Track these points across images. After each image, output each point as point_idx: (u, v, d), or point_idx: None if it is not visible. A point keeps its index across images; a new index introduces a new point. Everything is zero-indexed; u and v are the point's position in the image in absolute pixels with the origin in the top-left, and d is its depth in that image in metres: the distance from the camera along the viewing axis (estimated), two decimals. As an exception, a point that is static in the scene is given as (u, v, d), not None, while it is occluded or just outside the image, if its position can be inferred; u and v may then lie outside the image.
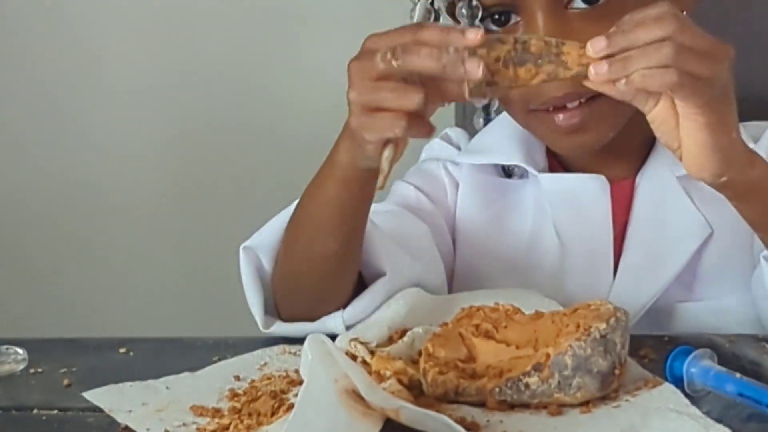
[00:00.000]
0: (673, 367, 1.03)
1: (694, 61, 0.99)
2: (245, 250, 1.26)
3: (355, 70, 1.06)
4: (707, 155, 1.04)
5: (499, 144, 1.37)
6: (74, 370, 1.17)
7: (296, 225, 1.23)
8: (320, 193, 1.18)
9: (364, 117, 1.05)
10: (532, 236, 1.35)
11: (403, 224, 1.30)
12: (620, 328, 1.02)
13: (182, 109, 2.07)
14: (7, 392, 1.13)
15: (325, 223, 1.19)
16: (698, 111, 1.02)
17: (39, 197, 2.12)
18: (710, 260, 1.29)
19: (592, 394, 1.00)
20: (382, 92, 1.04)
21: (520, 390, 1.01)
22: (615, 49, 0.99)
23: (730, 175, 1.06)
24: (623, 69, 0.99)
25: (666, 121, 1.04)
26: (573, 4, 1.23)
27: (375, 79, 1.04)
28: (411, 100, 1.03)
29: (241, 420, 1.02)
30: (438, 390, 1.03)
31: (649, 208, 1.30)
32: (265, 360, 1.17)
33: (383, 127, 1.05)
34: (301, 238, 1.22)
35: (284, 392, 1.07)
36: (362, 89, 1.05)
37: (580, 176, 1.33)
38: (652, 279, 1.29)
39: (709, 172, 1.05)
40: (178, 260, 2.11)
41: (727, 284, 1.27)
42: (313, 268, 1.21)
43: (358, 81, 1.05)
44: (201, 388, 1.11)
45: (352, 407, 0.97)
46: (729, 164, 1.05)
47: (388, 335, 1.15)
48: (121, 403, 1.08)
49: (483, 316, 1.08)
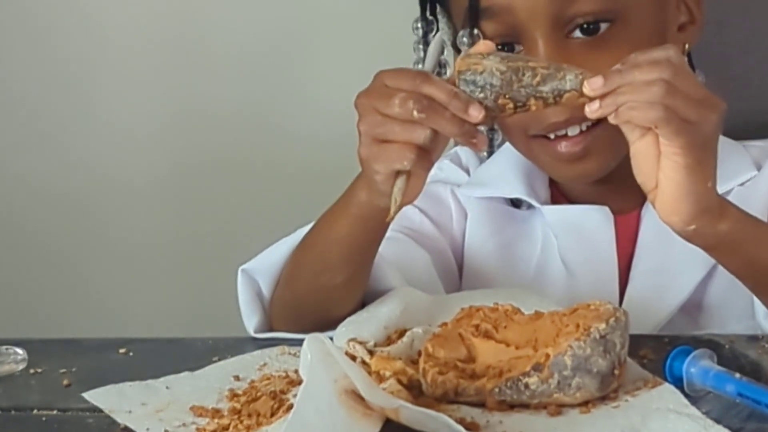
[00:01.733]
0: (672, 367, 1.03)
1: (682, 103, 1.03)
2: (243, 273, 1.27)
3: (366, 103, 1.08)
4: (680, 199, 1.06)
5: (501, 176, 1.38)
6: (74, 371, 1.17)
7: (303, 257, 1.24)
8: (333, 228, 1.19)
9: (374, 147, 1.08)
10: (539, 265, 1.36)
11: (403, 251, 1.29)
12: (620, 328, 1.02)
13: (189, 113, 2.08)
14: (7, 392, 1.14)
15: (335, 257, 1.19)
16: (679, 152, 1.04)
17: (38, 201, 2.12)
18: (714, 291, 1.29)
19: (592, 394, 1.00)
20: (391, 126, 1.06)
21: (520, 390, 1.01)
22: (610, 88, 1.03)
23: (699, 225, 1.08)
24: (613, 103, 1.03)
25: (647, 158, 1.06)
26: (573, 33, 1.24)
27: (385, 116, 1.06)
28: (419, 135, 1.06)
29: (241, 420, 1.02)
30: (437, 390, 1.03)
31: (654, 241, 1.30)
32: (264, 360, 1.16)
33: (392, 158, 1.07)
34: (307, 270, 1.23)
35: (284, 392, 1.07)
36: (372, 122, 1.07)
37: (584, 207, 1.34)
38: (656, 309, 1.29)
39: (680, 216, 1.07)
40: (178, 262, 2.12)
41: (731, 314, 1.27)
42: (318, 298, 1.21)
43: (369, 114, 1.08)
44: (201, 388, 1.11)
45: (351, 407, 0.98)
46: (700, 212, 1.07)
47: (386, 335, 1.15)
48: (121, 403, 1.08)
49: (482, 316, 1.08)
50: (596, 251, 1.32)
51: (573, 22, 1.24)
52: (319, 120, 2.02)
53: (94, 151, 2.09)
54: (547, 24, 1.24)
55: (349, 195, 1.17)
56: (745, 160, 1.34)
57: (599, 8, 1.24)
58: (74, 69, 2.08)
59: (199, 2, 2.04)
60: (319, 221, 1.23)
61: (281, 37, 2.02)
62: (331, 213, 1.20)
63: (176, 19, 2.04)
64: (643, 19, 1.26)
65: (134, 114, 2.08)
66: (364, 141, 1.09)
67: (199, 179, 2.08)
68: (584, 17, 1.24)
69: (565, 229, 1.34)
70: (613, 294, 1.31)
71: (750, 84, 1.56)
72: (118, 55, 2.07)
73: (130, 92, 2.07)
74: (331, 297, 1.21)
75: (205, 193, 2.08)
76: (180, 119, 2.07)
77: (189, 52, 2.05)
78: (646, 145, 1.06)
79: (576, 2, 1.24)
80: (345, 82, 1.97)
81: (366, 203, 1.14)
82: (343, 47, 2.00)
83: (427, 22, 1.35)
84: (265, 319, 1.27)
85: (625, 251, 1.33)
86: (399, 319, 1.17)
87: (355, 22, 1.99)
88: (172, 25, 2.04)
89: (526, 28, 1.24)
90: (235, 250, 1.33)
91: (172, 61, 2.05)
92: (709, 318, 1.30)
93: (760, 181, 1.32)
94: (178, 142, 2.08)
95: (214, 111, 2.06)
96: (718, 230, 1.09)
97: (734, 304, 1.25)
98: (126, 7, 2.05)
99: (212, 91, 2.05)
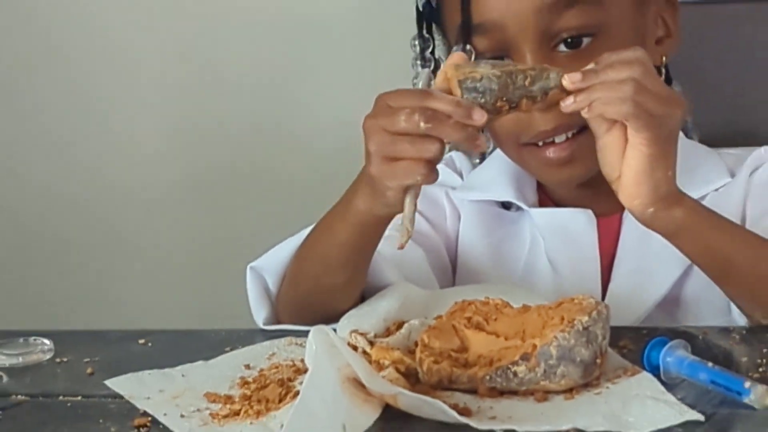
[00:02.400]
0: (650, 356, 1.03)
1: (650, 99, 1.06)
2: (252, 270, 1.27)
3: (373, 124, 1.08)
4: (641, 184, 1.09)
5: (492, 180, 1.38)
6: (97, 360, 1.17)
7: (305, 259, 1.23)
8: (332, 234, 1.18)
9: (385, 166, 1.07)
10: (527, 263, 1.35)
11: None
12: (601, 320, 1.02)
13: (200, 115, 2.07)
14: (35, 380, 1.14)
15: (335, 261, 1.19)
16: (645, 143, 1.07)
17: (66, 202, 2.12)
18: (690, 289, 1.29)
19: (576, 382, 1.00)
20: (402, 144, 1.06)
21: (509, 378, 1.01)
22: (587, 84, 1.06)
23: (657, 208, 1.09)
24: (588, 98, 1.06)
25: (613, 150, 1.09)
26: (558, 47, 1.25)
27: (393, 134, 1.06)
28: (429, 150, 1.05)
29: (251, 406, 1.02)
30: (433, 378, 1.03)
31: (635, 241, 1.30)
32: (273, 350, 1.16)
33: (405, 174, 1.07)
34: (309, 271, 1.22)
35: (291, 380, 1.07)
36: (382, 142, 1.07)
37: (569, 210, 1.34)
38: (636, 305, 1.29)
39: (640, 200, 1.09)
40: (193, 262, 2.12)
41: (707, 311, 1.27)
42: (320, 297, 1.21)
43: (377, 134, 1.07)
44: (214, 376, 1.10)
45: (353, 394, 0.98)
46: (659, 197, 1.09)
47: (385, 327, 1.14)
48: (140, 390, 1.08)
49: (474, 310, 1.08)
50: (580, 251, 1.32)
51: (558, 37, 1.24)
52: (320, 131, 2.02)
53: (114, 161, 2.09)
54: (534, 39, 1.24)
55: (347, 203, 1.16)
56: (720, 167, 1.34)
57: (581, 23, 1.24)
58: (91, 83, 2.07)
59: (210, 21, 2.03)
60: (318, 227, 1.22)
61: (286, 53, 2.01)
62: (331, 219, 1.20)
63: (188, 36, 2.03)
64: (622, 33, 1.26)
65: (148, 126, 2.08)
66: (375, 160, 1.08)
67: (210, 186, 2.08)
68: (568, 32, 1.24)
69: (552, 230, 1.34)
70: (596, 291, 1.30)
71: (724, 95, 1.56)
72: (133, 71, 2.06)
73: (143, 105, 2.07)
74: (332, 295, 1.21)
75: (216, 200, 2.08)
76: (190, 130, 2.07)
77: (199, 67, 2.04)
78: (612, 139, 1.09)
79: (561, 18, 1.24)
80: (346, 95, 1.99)
81: (365, 212, 1.14)
82: (345, 62, 2.00)
83: (423, 39, 1.35)
84: (273, 312, 1.26)
85: (608, 251, 1.32)
86: (397, 312, 1.17)
87: (357, 37, 1.99)
88: (183, 41, 2.04)
89: (514, 43, 1.25)
90: (245, 250, 1.32)
91: (183, 76, 2.05)
92: (686, 314, 1.29)
93: (733, 188, 1.32)
94: (190, 150, 2.07)
95: (222, 122, 2.06)
96: (675, 215, 1.10)
97: (710, 301, 1.25)
98: (140, 24, 2.05)
99: (220, 104, 2.05)
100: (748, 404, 0.95)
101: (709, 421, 0.93)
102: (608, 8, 1.26)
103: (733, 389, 0.96)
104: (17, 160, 2.12)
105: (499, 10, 1.25)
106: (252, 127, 2.06)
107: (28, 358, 1.17)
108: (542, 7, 1.24)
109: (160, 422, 1.01)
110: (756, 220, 1.27)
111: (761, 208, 1.28)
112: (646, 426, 0.93)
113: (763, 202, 1.29)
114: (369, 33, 1.97)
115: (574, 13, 1.24)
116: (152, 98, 2.08)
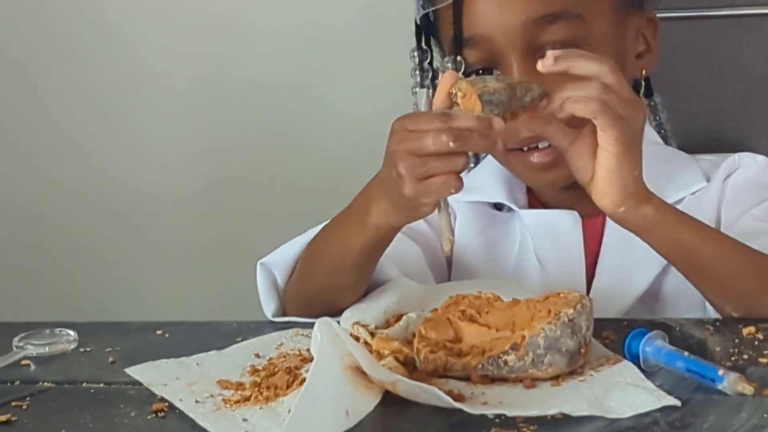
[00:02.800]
0: (630, 346, 1.03)
1: (615, 99, 1.07)
2: (262, 266, 1.27)
3: (399, 150, 1.08)
4: (611, 183, 1.09)
5: (485, 183, 1.38)
6: (118, 349, 1.17)
7: (315, 259, 1.23)
8: (344, 240, 1.18)
9: (420, 185, 1.07)
10: (517, 261, 1.35)
11: (399, 247, 1.27)
12: (585, 313, 1.02)
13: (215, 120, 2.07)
14: (61, 368, 1.14)
15: (346, 264, 1.19)
16: (612, 143, 1.08)
17: (90, 205, 2.12)
18: (669, 285, 1.29)
19: (562, 370, 1.01)
20: (433, 163, 1.06)
21: (500, 366, 1.01)
22: (558, 68, 1.07)
23: (627, 207, 1.10)
24: (559, 98, 1.08)
25: (583, 155, 1.11)
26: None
27: (423, 156, 1.06)
28: (458, 163, 1.06)
29: (261, 392, 1.02)
30: (429, 366, 1.03)
31: (617, 241, 1.30)
32: (281, 341, 1.16)
33: (439, 189, 1.07)
34: (319, 271, 1.22)
35: (298, 368, 1.07)
36: (412, 165, 1.07)
37: (556, 212, 1.34)
38: (618, 301, 1.29)
39: (611, 199, 1.10)
40: (207, 257, 2.11)
41: (684, 306, 1.27)
42: (328, 294, 1.21)
43: (406, 159, 1.07)
44: (226, 364, 1.11)
45: (356, 381, 0.98)
46: (628, 195, 1.10)
47: (385, 319, 1.15)
48: (158, 377, 1.08)
49: (468, 303, 1.07)
50: (566, 250, 1.32)
51: (543, 49, 1.24)
52: (328, 135, 2.02)
53: (134, 165, 2.09)
54: (521, 51, 1.25)
55: (362, 215, 1.15)
56: (697, 172, 1.34)
57: (565, 37, 1.25)
58: (112, 88, 2.07)
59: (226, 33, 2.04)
60: (329, 231, 1.22)
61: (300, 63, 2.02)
62: (344, 225, 1.19)
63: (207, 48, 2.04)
64: (604, 47, 1.26)
65: (167, 132, 2.08)
66: (408, 182, 1.07)
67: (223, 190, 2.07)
68: (552, 45, 1.24)
69: (540, 230, 1.34)
70: (581, 287, 1.30)
71: (701, 104, 1.56)
72: (155, 81, 2.06)
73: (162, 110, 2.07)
74: (339, 293, 1.20)
75: (229, 202, 2.07)
76: (205, 135, 2.07)
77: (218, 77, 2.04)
78: (582, 145, 1.10)
79: (545, 32, 1.25)
80: (354, 102, 1.99)
81: (382, 224, 1.14)
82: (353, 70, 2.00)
83: (422, 51, 1.36)
84: (281, 305, 1.27)
85: (592, 250, 1.32)
86: (396, 305, 1.17)
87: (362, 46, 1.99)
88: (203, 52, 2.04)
89: (502, 54, 1.25)
90: (255, 249, 1.32)
91: (201, 85, 2.05)
92: (664, 308, 1.30)
93: (709, 192, 1.32)
94: (206, 155, 2.07)
95: (236, 127, 2.05)
96: (644, 212, 1.11)
97: (687, 296, 1.25)
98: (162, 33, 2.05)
99: (234, 109, 2.05)
100: (721, 390, 0.96)
101: (685, 407, 0.94)
102: (591, 24, 1.26)
103: (708, 377, 0.97)
104: (43, 163, 2.13)
105: (487, 24, 1.25)
106: (263, 132, 2.06)
107: (54, 348, 1.17)
108: (528, 22, 1.24)
109: (176, 407, 1.01)
110: (731, 224, 1.27)
111: (735, 212, 1.29)
112: (626, 411, 0.93)
113: (736, 207, 1.29)
114: (373, 42, 1.97)
115: (559, 27, 1.25)
116: (169, 105, 2.08)
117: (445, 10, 1.29)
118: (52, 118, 2.11)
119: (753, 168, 1.33)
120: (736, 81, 1.55)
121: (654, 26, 1.34)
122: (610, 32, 1.28)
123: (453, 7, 1.26)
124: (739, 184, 1.31)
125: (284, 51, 2.02)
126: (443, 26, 1.31)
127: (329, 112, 2.02)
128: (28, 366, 1.15)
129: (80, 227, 2.13)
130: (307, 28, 2.01)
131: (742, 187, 1.31)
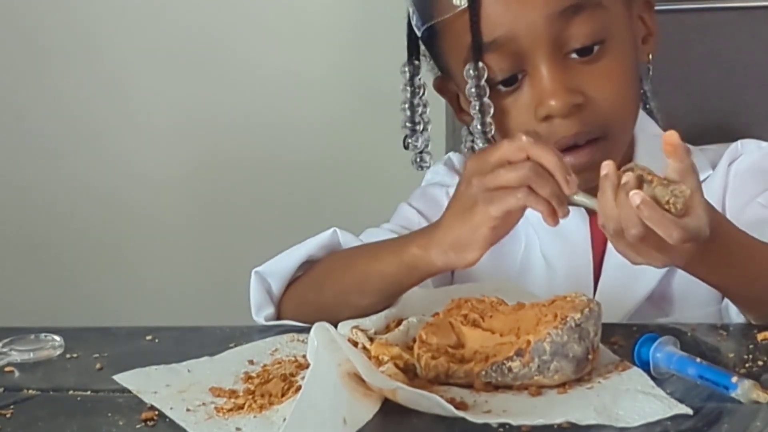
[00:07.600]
0: (640, 352, 1.03)
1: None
2: (257, 274, 1.28)
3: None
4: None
5: None
6: (106, 356, 1.17)
7: (341, 274, 1.23)
8: (379, 264, 1.19)
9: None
10: (523, 260, 1.35)
11: None
12: (593, 317, 1.02)
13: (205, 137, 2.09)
14: (46, 375, 1.14)
15: (373, 288, 1.19)
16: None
17: (78, 210, 2.13)
18: (677, 283, 1.29)
19: (568, 377, 1.01)
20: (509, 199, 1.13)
21: (504, 373, 1.01)
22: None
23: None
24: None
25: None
26: (570, 55, 1.24)
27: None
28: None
29: (255, 400, 1.02)
30: (430, 373, 1.03)
31: None
32: (276, 346, 1.16)
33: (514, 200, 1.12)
34: (340, 286, 1.22)
35: (293, 375, 1.07)
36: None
37: None
38: (626, 299, 1.29)
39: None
40: (199, 261, 2.12)
41: (694, 303, 1.27)
42: (340, 308, 1.20)
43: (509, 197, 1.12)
44: (219, 371, 1.11)
45: (353, 388, 0.98)
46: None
47: (385, 323, 1.15)
48: (148, 384, 1.08)
49: (471, 307, 1.08)
50: (573, 248, 1.32)
51: (569, 45, 1.23)
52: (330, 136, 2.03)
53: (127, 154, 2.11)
54: (547, 47, 1.22)
55: (404, 244, 1.17)
56: (703, 161, 1.35)
57: (590, 29, 1.23)
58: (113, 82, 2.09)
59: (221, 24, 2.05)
60: (366, 250, 1.23)
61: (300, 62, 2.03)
62: (382, 249, 1.20)
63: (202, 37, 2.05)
64: (622, 35, 1.26)
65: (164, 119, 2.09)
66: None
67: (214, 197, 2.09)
68: (578, 40, 1.23)
69: (547, 228, 1.32)
70: (588, 286, 1.30)
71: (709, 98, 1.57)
72: (151, 70, 2.07)
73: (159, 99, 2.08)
74: (354, 311, 1.19)
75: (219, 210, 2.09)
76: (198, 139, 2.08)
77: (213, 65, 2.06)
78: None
79: (570, 25, 1.22)
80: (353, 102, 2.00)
81: (421, 257, 1.14)
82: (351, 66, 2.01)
83: (413, 66, 1.34)
84: (275, 312, 1.27)
85: (599, 248, 1.32)
86: (397, 309, 1.17)
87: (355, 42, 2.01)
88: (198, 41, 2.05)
89: (528, 54, 1.23)
90: (249, 254, 1.33)
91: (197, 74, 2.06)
92: (673, 306, 1.30)
93: (715, 179, 1.33)
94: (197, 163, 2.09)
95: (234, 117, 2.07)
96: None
97: (696, 293, 1.25)
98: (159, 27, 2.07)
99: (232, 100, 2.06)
100: (734, 398, 0.96)
101: (697, 415, 0.94)
102: (611, 11, 1.25)
103: (721, 384, 0.97)
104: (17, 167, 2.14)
105: (509, 24, 1.23)
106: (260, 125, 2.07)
107: (39, 354, 1.17)
108: (552, 14, 1.22)
109: (166, 416, 1.01)
110: (737, 213, 1.27)
111: (741, 200, 1.30)
112: (636, 419, 0.93)
113: (742, 195, 1.30)
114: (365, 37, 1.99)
115: (583, 18, 1.23)
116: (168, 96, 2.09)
117: (456, 16, 1.27)
118: (54, 109, 2.12)
119: (756, 154, 1.34)
120: (741, 75, 1.56)
121: (650, 8, 1.34)
122: (624, 18, 1.28)
123: (470, 11, 1.24)
124: (743, 172, 1.33)
125: (278, 43, 2.04)
126: (454, 34, 1.27)
127: (325, 118, 2.03)
128: (12, 373, 1.15)
129: (66, 231, 2.14)
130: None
131: (746, 174, 1.32)
